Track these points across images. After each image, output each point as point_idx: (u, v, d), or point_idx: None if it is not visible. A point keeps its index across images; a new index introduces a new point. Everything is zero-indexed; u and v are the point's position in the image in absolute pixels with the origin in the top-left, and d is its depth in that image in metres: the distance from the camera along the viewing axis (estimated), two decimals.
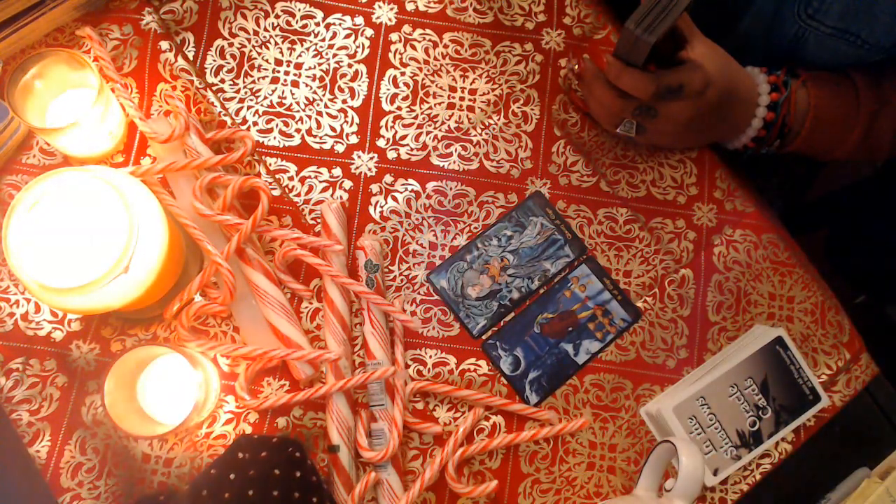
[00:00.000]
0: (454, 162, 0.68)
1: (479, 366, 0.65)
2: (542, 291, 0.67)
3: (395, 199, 0.67)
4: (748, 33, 0.70)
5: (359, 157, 0.68)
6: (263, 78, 0.68)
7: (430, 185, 0.68)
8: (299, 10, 0.69)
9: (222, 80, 0.68)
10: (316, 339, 0.65)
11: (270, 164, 0.67)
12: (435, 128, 0.69)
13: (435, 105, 0.69)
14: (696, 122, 0.63)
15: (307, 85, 0.68)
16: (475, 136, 0.69)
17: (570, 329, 0.66)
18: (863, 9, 0.61)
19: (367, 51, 0.69)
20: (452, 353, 0.65)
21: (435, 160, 0.68)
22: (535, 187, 0.69)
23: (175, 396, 0.60)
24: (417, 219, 0.67)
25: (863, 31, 0.63)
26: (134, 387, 0.60)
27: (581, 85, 0.66)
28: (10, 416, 0.60)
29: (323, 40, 0.69)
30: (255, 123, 0.67)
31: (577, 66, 0.65)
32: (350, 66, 0.69)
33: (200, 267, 0.65)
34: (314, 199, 0.67)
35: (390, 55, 0.69)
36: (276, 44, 0.69)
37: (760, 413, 0.65)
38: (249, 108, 0.67)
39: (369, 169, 0.68)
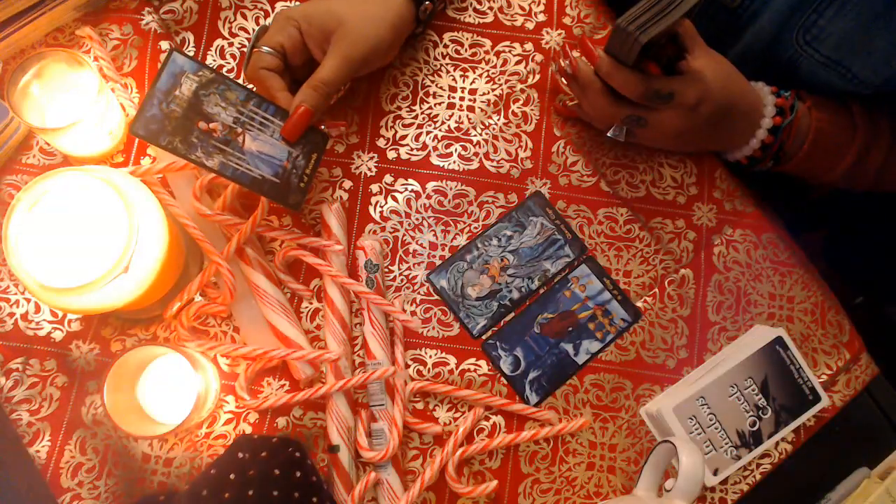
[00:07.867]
0: (454, 162, 0.68)
1: (479, 366, 0.65)
2: (542, 291, 0.67)
3: (395, 199, 0.67)
4: (746, 50, 0.69)
5: (358, 156, 0.68)
6: None
7: (430, 185, 0.68)
8: None
9: None
10: (316, 339, 0.65)
11: None
12: (435, 128, 0.69)
13: (435, 105, 0.69)
14: (687, 135, 0.63)
15: None
16: (475, 136, 0.69)
17: (570, 329, 0.66)
18: (858, 43, 0.61)
19: None
20: (452, 353, 0.65)
21: (435, 160, 0.68)
22: (535, 187, 0.68)
23: (175, 396, 0.60)
24: (417, 219, 0.67)
25: (854, 65, 0.63)
26: (134, 387, 0.60)
27: (573, 86, 0.65)
28: (10, 416, 0.60)
29: None
30: None
31: (569, 66, 0.64)
32: None
33: (200, 267, 0.65)
34: (314, 199, 0.67)
35: None
36: None
37: (760, 413, 0.65)
38: None
39: (369, 169, 0.68)
